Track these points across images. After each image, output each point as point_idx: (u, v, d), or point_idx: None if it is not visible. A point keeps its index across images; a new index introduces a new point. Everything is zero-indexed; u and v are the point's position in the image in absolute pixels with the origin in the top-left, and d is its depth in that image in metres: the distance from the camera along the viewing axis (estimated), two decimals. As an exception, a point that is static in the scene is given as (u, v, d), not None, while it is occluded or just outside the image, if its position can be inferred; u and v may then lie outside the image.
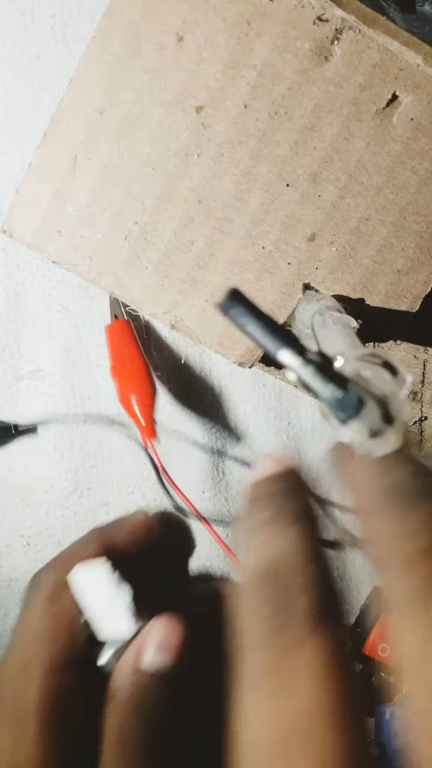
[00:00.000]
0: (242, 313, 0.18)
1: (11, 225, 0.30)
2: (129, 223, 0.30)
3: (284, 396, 0.35)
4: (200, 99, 0.29)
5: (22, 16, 0.31)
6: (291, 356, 0.18)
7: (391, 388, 0.18)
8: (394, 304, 0.31)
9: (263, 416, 0.35)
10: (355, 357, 0.19)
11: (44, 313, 0.34)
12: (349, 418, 0.18)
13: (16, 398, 0.34)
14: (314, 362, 0.18)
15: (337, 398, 0.18)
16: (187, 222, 0.30)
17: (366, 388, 0.18)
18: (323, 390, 0.18)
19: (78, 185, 0.29)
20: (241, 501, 0.19)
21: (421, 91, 0.28)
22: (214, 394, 0.35)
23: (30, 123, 0.32)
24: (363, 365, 0.19)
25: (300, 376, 0.18)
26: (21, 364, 0.34)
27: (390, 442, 0.18)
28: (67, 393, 0.34)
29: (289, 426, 0.35)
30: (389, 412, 0.18)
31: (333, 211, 0.30)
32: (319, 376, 0.18)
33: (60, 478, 0.35)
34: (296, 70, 0.28)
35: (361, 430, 0.18)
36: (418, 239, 0.30)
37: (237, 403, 0.35)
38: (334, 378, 0.18)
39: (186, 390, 0.35)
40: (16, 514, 0.35)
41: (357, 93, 0.29)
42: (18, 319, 0.34)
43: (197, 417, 0.35)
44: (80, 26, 0.31)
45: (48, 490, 0.35)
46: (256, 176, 0.29)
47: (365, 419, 0.18)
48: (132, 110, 0.29)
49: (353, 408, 0.18)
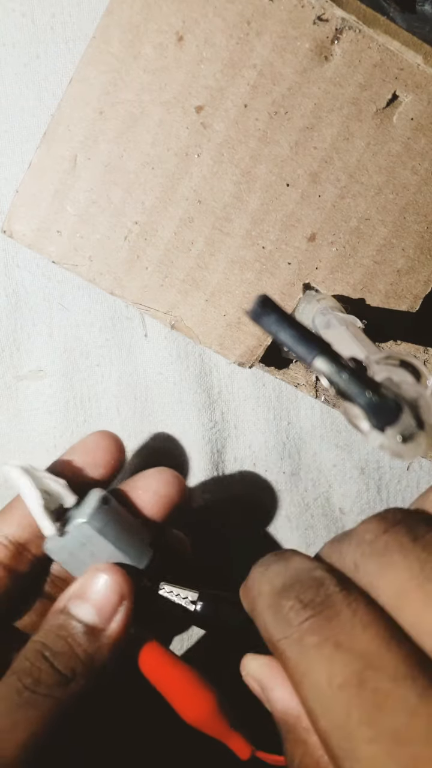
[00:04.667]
0: (273, 321, 0.18)
1: (11, 225, 0.30)
2: (129, 223, 0.30)
3: (284, 396, 0.35)
4: (200, 99, 0.29)
5: (22, 16, 0.31)
6: (326, 363, 0.18)
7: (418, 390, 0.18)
8: (394, 304, 0.31)
9: (263, 416, 0.35)
10: (375, 360, 0.19)
11: (44, 313, 0.34)
12: (387, 424, 0.18)
13: (16, 398, 0.34)
14: (349, 369, 0.18)
15: (374, 404, 0.18)
16: (187, 222, 0.30)
17: (399, 393, 0.18)
18: (359, 396, 0.18)
19: (78, 185, 0.29)
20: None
21: (422, 90, 0.28)
22: (214, 394, 0.35)
23: (30, 123, 0.32)
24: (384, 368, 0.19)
25: (335, 383, 0.18)
26: (21, 364, 0.34)
27: (421, 447, 0.18)
28: (67, 393, 0.34)
29: (289, 426, 0.35)
30: (420, 415, 0.18)
31: (333, 211, 0.30)
32: (354, 382, 0.18)
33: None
34: (296, 70, 0.28)
35: (394, 435, 0.18)
36: (419, 239, 0.30)
37: (237, 403, 0.35)
38: (369, 384, 0.18)
39: (186, 390, 0.35)
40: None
41: (357, 93, 0.28)
42: (18, 319, 0.34)
43: (197, 417, 0.35)
44: (80, 26, 0.31)
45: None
46: (256, 176, 0.29)
47: (401, 425, 0.18)
48: (132, 110, 0.29)
49: (391, 414, 0.18)
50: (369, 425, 0.18)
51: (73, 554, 0.27)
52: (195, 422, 0.35)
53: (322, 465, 0.36)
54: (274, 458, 0.36)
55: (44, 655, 0.25)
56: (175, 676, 0.27)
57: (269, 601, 0.20)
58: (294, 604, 0.20)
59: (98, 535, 0.27)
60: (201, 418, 0.35)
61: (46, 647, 0.25)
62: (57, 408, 0.34)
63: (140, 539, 0.28)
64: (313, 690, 0.18)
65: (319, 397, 0.32)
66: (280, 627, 0.20)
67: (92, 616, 0.26)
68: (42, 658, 0.25)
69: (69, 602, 0.27)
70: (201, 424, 0.35)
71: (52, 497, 0.27)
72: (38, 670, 0.25)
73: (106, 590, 0.26)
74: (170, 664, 0.28)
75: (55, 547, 0.27)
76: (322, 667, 0.18)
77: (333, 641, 0.18)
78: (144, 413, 0.35)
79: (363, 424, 0.18)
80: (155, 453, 0.35)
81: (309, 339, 0.18)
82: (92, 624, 0.26)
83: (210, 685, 0.27)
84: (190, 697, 0.27)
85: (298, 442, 0.36)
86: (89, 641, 0.26)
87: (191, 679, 0.27)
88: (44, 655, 0.25)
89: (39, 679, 0.24)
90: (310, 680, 0.18)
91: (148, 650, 0.28)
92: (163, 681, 0.27)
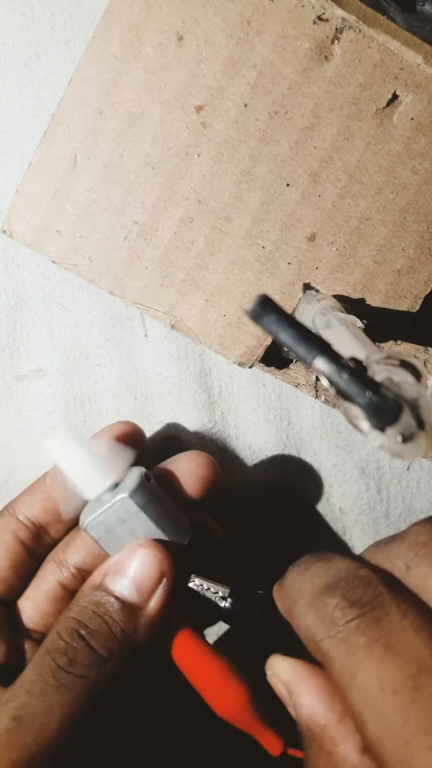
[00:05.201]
0: (274, 321, 0.18)
1: (11, 225, 0.30)
2: (129, 222, 0.30)
3: (284, 396, 0.35)
4: (200, 99, 0.29)
5: (22, 16, 0.31)
6: (326, 363, 0.18)
7: (418, 390, 0.18)
8: (394, 304, 0.31)
9: (263, 416, 0.35)
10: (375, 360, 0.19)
11: (44, 313, 0.34)
12: (387, 424, 0.18)
13: (16, 398, 0.34)
14: (349, 369, 0.18)
15: (374, 404, 0.18)
16: (187, 222, 0.30)
17: (399, 393, 0.18)
18: (360, 396, 0.18)
19: (78, 185, 0.29)
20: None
21: (422, 90, 0.28)
22: (214, 394, 0.35)
23: (30, 123, 0.32)
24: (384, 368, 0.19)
25: (335, 383, 0.18)
26: (21, 364, 0.34)
27: (421, 447, 0.18)
28: (67, 393, 0.34)
29: (289, 426, 0.35)
30: (420, 415, 0.18)
31: (333, 211, 0.30)
32: (354, 382, 0.18)
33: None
34: (296, 70, 0.28)
35: (394, 435, 0.18)
36: (419, 239, 0.30)
37: (237, 403, 0.35)
38: (369, 384, 0.18)
39: (186, 390, 0.35)
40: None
41: (357, 92, 0.28)
42: (18, 319, 0.34)
43: (197, 417, 0.35)
44: (80, 26, 0.31)
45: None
46: (256, 176, 0.29)
47: (401, 425, 0.18)
48: (132, 110, 0.29)
49: (392, 414, 0.18)
50: (369, 425, 0.18)
51: (111, 531, 0.26)
52: (195, 422, 0.35)
53: (322, 465, 0.36)
54: (274, 458, 0.36)
55: (80, 634, 0.24)
56: (208, 666, 0.26)
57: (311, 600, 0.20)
58: (339, 602, 0.19)
59: (140, 512, 0.26)
60: (201, 418, 0.35)
61: (81, 625, 0.24)
62: (57, 408, 0.34)
63: (180, 519, 0.27)
64: (363, 694, 0.18)
65: (319, 397, 0.32)
66: (324, 626, 0.19)
67: (131, 592, 0.25)
68: (78, 636, 0.24)
69: (106, 578, 0.26)
70: (201, 424, 0.35)
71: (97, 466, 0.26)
72: (74, 650, 0.24)
73: (147, 566, 0.25)
74: (204, 654, 0.27)
75: (94, 522, 0.26)
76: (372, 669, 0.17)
77: (383, 643, 0.18)
78: (144, 413, 0.35)
79: (363, 424, 0.18)
80: (155, 453, 0.35)
81: (309, 339, 0.18)
82: (131, 601, 0.25)
83: (243, 678, 0.26)
84: (222, 689, 0.26)
85: (298, 442, 0.35)
86: (127, 619, 0.25)
87: (224, 670, 0.26)
88: (80, 634, 0.24)
89: (75, 659, 0.23)
90: (359, 683, 0.18)
91: (182, 638, 0.27)
92: (195, 671, 0.27)
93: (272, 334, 0.18)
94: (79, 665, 0.23)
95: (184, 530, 0.27)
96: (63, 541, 0.29)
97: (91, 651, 0.24)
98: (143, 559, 0.25)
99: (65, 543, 0.29)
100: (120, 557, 0.26)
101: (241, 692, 0.26)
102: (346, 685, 0.18)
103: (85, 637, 0.24)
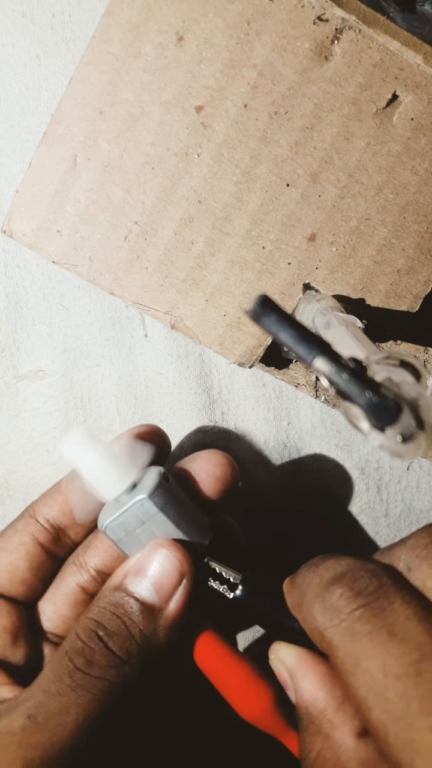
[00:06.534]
0: (274, 321, 0.18)
1: (11, 225, 0.30)
2: (129, 223, 0.30)
3: (284, 396, 0.35)
4: (200, 99, 0.29)
5: (22, 16, 0.31)
6: (326, 363, 0.18)
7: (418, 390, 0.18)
8: (394, 304, 0.31)
9: (263, 416, 0.35)
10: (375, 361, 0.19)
11: (44, 313, 0.34)
12: (387, 424, 0.18)
13: (16, 398, 0.34)
14: (349, 369, 0.18)
15: (374, 404, 0.18)
16: (187, 222, 0.30)
17: (399, 393, 0.18)
18: (359, 396, 0.18)
19: (78, 185, 0.29)
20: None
21: (422, 90, 0.28)
22: (214, 394, 0.35)
23: (30, 123, 0.32)
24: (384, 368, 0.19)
25: (335, 383, 0.18)
26: (21, 364, 0.34)
27: (421, 447, 0.18)
28: (67, 393, 0.34)
29: (289, 426, 0.35)
30: (419, 415, 0.18)
31: (333, 211, 0.30)
32: (354, 382, 0.18)
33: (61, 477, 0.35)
34: (296, 70, 0.28)
35: (394, 435, 0.18)
36: (419, 239, 0.30)
37: (237, 403, 0.35)
38: (368, 384, 0.18)
39: (186, 390, 0.35)
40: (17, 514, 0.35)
41: (357, 93, 0.28)
42: (18, 319, 0.34)
43: (197, 417, 0.35)
44: (80, 26, 0.31)
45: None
46: (256, 176, 0.29)
47: (400, 424, 0.18)
48: (132, 110, 0.29)
49: (391, 414, 0.18)
50: (369, 425, 0.18)
51: (130, 532, 0.26)
52: (195, 422, 0.35)
53: (322, 465, 0.36)
54: (274, 458, 0.36)
55: (98, 635, 0.24)
56: (232, 669, 0.26)
57: (317, 591, 0.20)
58: (345, 591, 0.19)
59: (159, 512, 0.25)
60: (201, 418, 0.35)
61: (100, 626, 0.24)
62: (57, 408, 0.34)
63: (199, 520, 0.27)
64: (367, 679, 0.18)
65: (319, 397, 0.32)
66: (329, 614, 0.19)
67: (151, 593, 0.25)
68: (96, 637, 0.24)
69: (126, 579, 0.25)
70: (201, 424, 0.35)
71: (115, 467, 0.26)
72: (91, 651, 0.24)
73: (167, 567, 0.25)
74: (227, 656, 0.26)
75: (112, 523, 0.25)
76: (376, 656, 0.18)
77: (387, 630, 0.18)
78: (144, 413, 0.35)
79: (363, 424, 0.18)
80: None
81: (309, 339, 0.18)
82: (150, 602, 0.25)
83: (268, 680, 0.26)
84: (247, 692, 0.26)
85: (298, 442, 0.36)
86: (146, 621, 0.24)
87: (249, 673, 0.26)
88: (98, 635, 0.24)
89: (92, 660, 0.23)
90: (363, 669, 0.18)
91: (204, 640, 0.26)
92: (219, 673, 0.26)
93: (272, 334, 0.18)
94: (97, 666, 0.23)
95: (204, 530, 0.27)
96: (83, 544, 0.29)
97: (109, 652, 0.24)
98: (163, 560, 0.25)
99: (85, 545, 0.29)
100: (139, 558, 0.26)
101: (266, 694, 0.26)
102: (350, 672, 0.19)
103: (103, 638, 0.24)
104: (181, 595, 0.25)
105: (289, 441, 0.35)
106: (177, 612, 0.25)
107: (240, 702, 0.26)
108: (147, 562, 0.25)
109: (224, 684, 0.26)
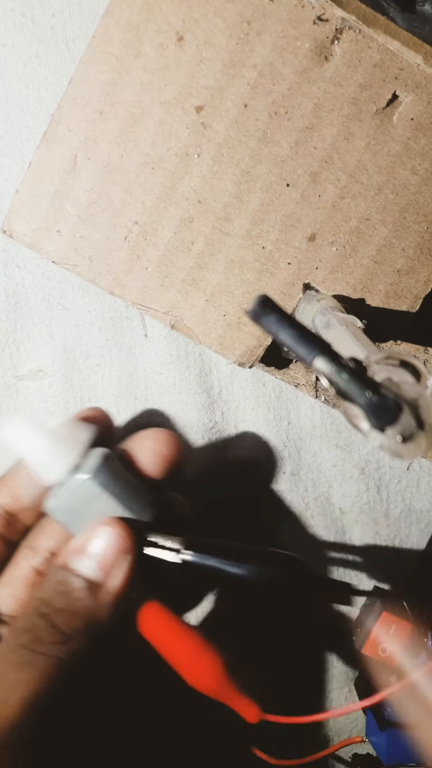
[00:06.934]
0: (274, 321, 0.18)
1: (11, 225, 0.30)
2: (129, 223, 0.30)
3: (284, 396, 0.35)
4: (200, 99, 0.29)
5: (22, 16, 0.31)
6: (326, 363, 0.18)
7: (418, 390, 0.18)
8: (394, 304, 0.31)
9: (263, 416, 0.35)
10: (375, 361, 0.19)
11: (44, 313, 0.34)
12: (386, 424, 0.18)
13: (16, 398, 0.34)
14: (349, 369, 0.18)
15: (374, 404, 0.18)
16: (187, 222, 0.30)
17: (399, 393, 0.18)
18: (359, 396, 0.18)
19: (78, 185, 0.29)
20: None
21: (422, 90, 0.28)
22: (214, 394, 0.35)
23: (30, 123, 0.32)
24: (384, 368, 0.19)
25: (335, 383, 0.18)
26: (21, 364, 0.34)
27: (421, 447, 0.18)
28: (67, 393, 0.34)
29: (289, 426, 0.35)
30: (419, 415, 0.18)
31: (333, 211, 0.30)
32: (354, 382, 0.18)
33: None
34: (296, 70, 0.28)
35: (394, 435, 0.18)
36: (419, 239, 0.30)
37: (237, 403, 0.35)
38: (368, 384, 0.18)
39: (186, 390, 0.35)
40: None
41: (357, 93, 0.28)
42: (18, 319, 0.34)
43: (197, 417, 0.35)
44: (80, 26, 0.31)
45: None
46: (256, 176, 0.29)
47: (400, 424, 0.18)
48: (132, 110, 0.29)
49: (391, 414, 0.18)
50: (369, 425, 0.18)
51: (75, 513, 0.26)
52: (195, 422, 0.35)
53: (322, 465, 0.36)
54: (274, 458, 0.36)
55: (43, 612, 0.24)
56: (179, 638, 0.26)
57: None
58: None
59: (103, 492, 0.26)
60: (201, 418, 0.35)
61: (45, 604, 0.25)
62: (57, 408, 0.34)
63: (143, 497, 0.27)
64: None
65: (319, 397, 0.32)
66: None
67: (93, 570, 0.25)
68: (40, 615, 0.24)
69: (69, 557, 0.26)
70: (201, 424, 0.35)
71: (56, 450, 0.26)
72: (37, 628, 0.24)
73: (108, 544, 0.26)
74: (173, 626, 0.26)
75: (57, 505, 0.26)
76: None
77: None
78: (144, 413, 0.35)
79: (363, 424, 0.18)
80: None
81: (309, 339, 0.18)
82: (93, 579, 0.25)
83: (216, 648, 0.26)
84: (195, 661, 0.26)
85: (298, 442, 0.36)
86: (90, 597, 0.25)
87: (196, 641, 0.26)
88: (43, 612, 0.24)
89: (37, 637, 0.24)
90: None
91: (149, 611, 0.26)
92: (166, 644, 0.26)
93: (272, 334, 0.18)
94: (42, 643, 0.23)
95: (148, 508, 0.27)
96: (35, 527, 0.29)
97: (54, 629, 0.24)
98: (105, 537, 0.26)
99: (37, 529, 0.29)
100: (82, 536, 0.26)
101: (215, 663, 0.26)
102: None
103: (47, 615, 0.24)
104: (123, 570, 0.25)
105: (289, 441, 0.35)
106: (120, 587, 0.25)
107: (189, 671, 0.26)
108: (89, 539, 0.26)
109: (172, 654, 0.26)
